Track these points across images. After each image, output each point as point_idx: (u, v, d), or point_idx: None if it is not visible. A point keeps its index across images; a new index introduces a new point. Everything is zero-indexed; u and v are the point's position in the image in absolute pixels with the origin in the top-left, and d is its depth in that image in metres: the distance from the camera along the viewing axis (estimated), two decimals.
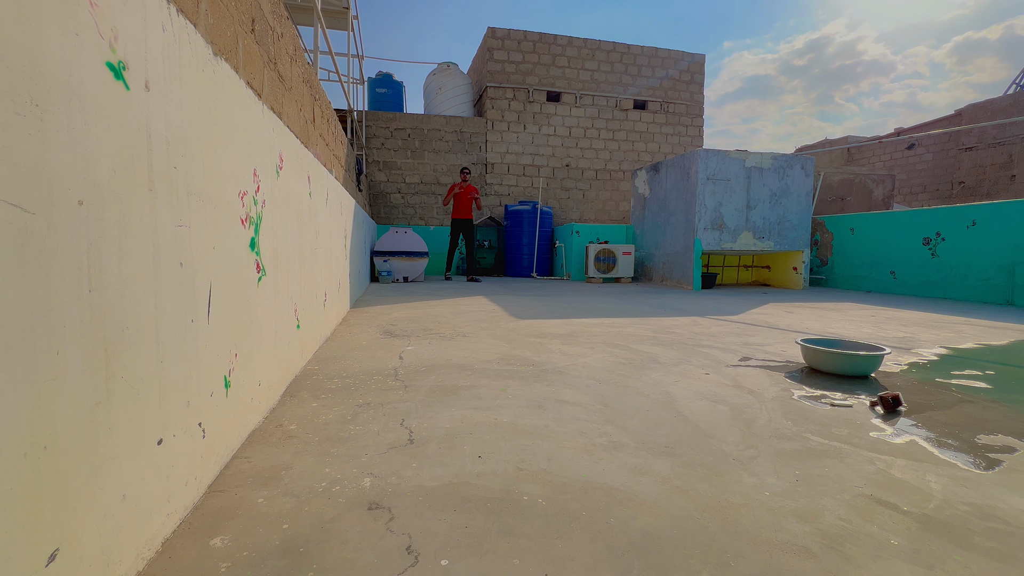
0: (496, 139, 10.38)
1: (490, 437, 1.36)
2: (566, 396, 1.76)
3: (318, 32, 5.33)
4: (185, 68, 0.98)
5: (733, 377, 2.05)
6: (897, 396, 1.64)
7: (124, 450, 0.75)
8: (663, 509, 1.00)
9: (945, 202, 13.36)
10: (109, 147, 0.72)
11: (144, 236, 0.81)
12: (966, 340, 2.98)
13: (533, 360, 2.31)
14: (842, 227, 7.23)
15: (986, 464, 1.24)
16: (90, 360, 0.67)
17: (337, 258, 3.39)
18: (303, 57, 2.31)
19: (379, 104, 10.41)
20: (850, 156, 16.10)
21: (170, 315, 0.90)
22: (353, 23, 7.42)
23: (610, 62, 10.81)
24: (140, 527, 0.79)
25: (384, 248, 7.31)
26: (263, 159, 1.50)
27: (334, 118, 3.53)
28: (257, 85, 1.49)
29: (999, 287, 5.32)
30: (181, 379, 0.94)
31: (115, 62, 0.74)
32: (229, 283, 1.20)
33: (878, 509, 1.01)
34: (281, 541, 0.87)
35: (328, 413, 1.54)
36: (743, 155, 6.80)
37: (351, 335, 2.90)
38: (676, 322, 3.62)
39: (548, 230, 9.80)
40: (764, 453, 1.29)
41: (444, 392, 1.78)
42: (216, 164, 1.12)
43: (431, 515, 0.96)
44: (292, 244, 1.92)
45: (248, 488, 1.06)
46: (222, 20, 1.20)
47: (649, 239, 8.02)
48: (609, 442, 1.35)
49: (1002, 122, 8.51)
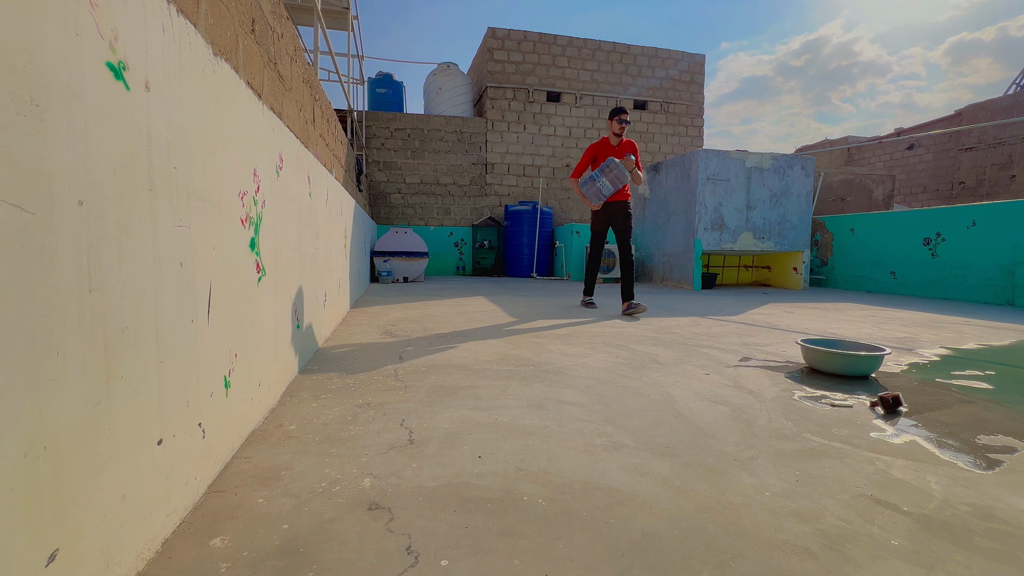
0: (496, 139, 10.38)
1: (490, 437, 1.36)
2: (566, 396, 1.76)
3: (318, 32, 5.33)
4: (185, 68, 0.98)
5: (733, 377, 2.05)
6: (897, 396, 1.64)
7: (124, 450, 0.75)
8: (663, 509, 1.00)
9: (945, 202, 13.36)
10: (109, 147, 0.72)
11: (144, 236, 0.81)
12: (966, 340, 2.98)
13: (533, 360, 2.31)
14: (842, 227, 7.23)
15: (986, 464, 1.24)
16: (90, 360, 0.67)
17: (337, 258, 3.39)
18: (303, 57, 2.31)
19: (379, 104, 10.41)
20: (850, 156, 16.09)
21: (170, 315, 0.90)
22: (353, 23, 7.42)
23: (610, 62, 10.81)
24: (140, 527, 0.79)
25: (384, 248, 7.31)
26: (263, 159, 1.50)
27: (334, 118, 3.53)
28: (257, 85, 1.49)
29: (999, 287, 5.32)
30: (181, 379, 0.94)
31: (115, 62, 0.74)
32: (229, 283, 1.20)
33: (878, 509, 1.01)
34: (281, 541, 0.87)
35: (328, 413, 1.54)
36: (743, 155, 6.80)
37: (351, 335, 2.89)
38: (676, 322, 3.62)
39: (548, 230, 9.80)
40: (764, 453, 1.29)
41: (444, 392, 1.78)
42: (216, 164, 1.12)
43: (431, 515, 0.96)
44: (292, 244, 1.92)
45: (248, 488, 1.06)
46: (222, 20, 1.20)
47: (649, 239, 8.02)
48: (609, 442, 1.34)
49: (1002, 122, 8.51)
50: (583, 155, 4.35)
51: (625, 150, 4.19)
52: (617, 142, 4.20)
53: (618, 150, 4.19)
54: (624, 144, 4.22)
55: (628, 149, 4.20)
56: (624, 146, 4.21)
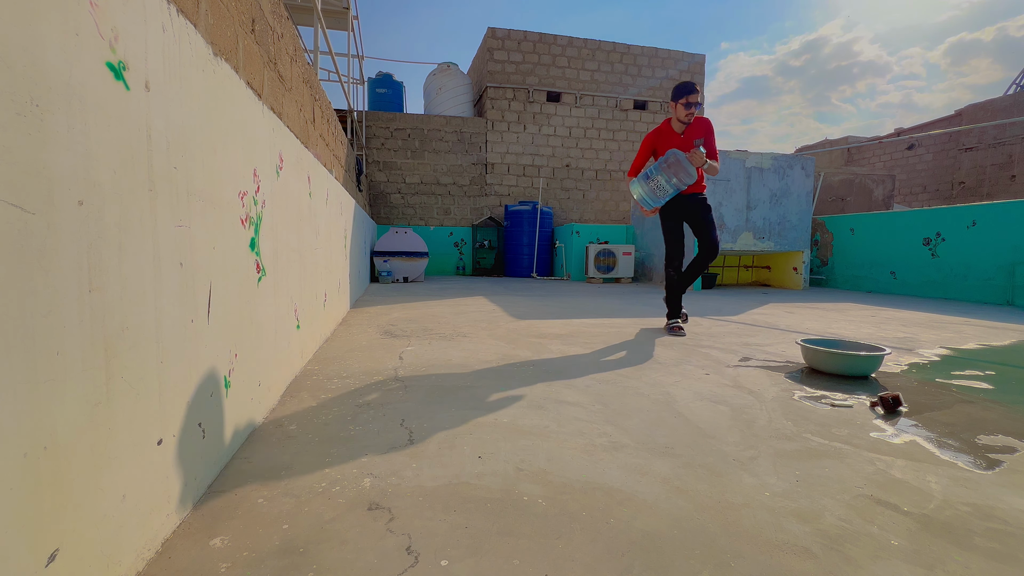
0: (496, 139, 10.38)
1: (490, 437, 1.36)
2: (566, 396, 1.76)
3: (318, 32, 5.33)
4: (185, 68, 0.98)
5: (733, 377, 2.05)
6: (897, 396, 1.64)
7: (124, 450, 0.75)
8: (663, 509, 1.00)
9: (945, 202, 13.36)
10: (109, 147, 0.72)
11: (144, 236, 0.81)
12: (966, 340, 2.98)
13: (533, 360, 2.31)
14: (842, 227, 7.23)
15: (986, 464, 1.24)
16: (90, 360, 0.67)
17: (337, 258, 3.39)
18: (303, 57, 2.31)
19: (379, 104, 10.41)
20: (850, 156, 16.09)
21: (170, 315, 0.90)
22: (353, 23, 7.42)
23: (610, 62, 10.81)
24: (140, 527, 0.79)
25: (384, 248, 7.31)
26: (263, 159, 1.50)
27: (334, 118, 3.53)
28: (257, 85, 1.49)
29: (999, 287, 5.32)
30: (181, 379, 0.94)
31: (115, 62, 0.74)
32: (229, 283, 1.20)
33: (878, 509, 1.01)
34: (281, 541, 0.87)
35: (328, 413, 1.54)
36: (743, 155, 6.80)
37: (351, 335, 2.89)
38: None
39: (548, 230, 9.80)
40: (764, 453, 1.29)
41: (444, 392, 1.78)
42: (216, 164, 1.12)
43: (431, 515, 0.96)
44: (292, 244, 1.92)
45: (248, 488, 1.06)
46: (222, 20, 1.20)
47: (649, 239, 8.02)
48: (609, 442, 1.34)
49: (1002, 122, 8.51)
50: (640, 147, 3.32)
51: (694, 136, 3.13)
52: (682, 128, 3.16)
53: (684, 138, 3.16)
54: (693, 127, 3.15)
55: (698, 133, 3.14)
56: (693, 130, 3.15)
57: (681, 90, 3.07)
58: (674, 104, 3.13)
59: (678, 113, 3.11)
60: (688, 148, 3.09)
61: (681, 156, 3.02)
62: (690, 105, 3.05)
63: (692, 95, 3.03)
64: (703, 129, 3.15)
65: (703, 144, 3.10)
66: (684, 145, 3.12)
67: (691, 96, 3.03)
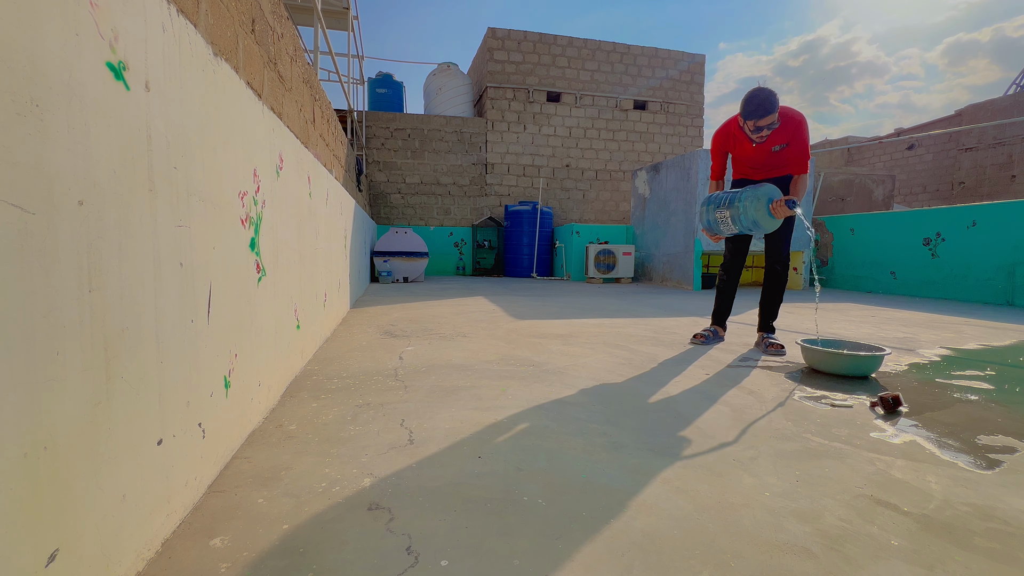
0: (496, 139, 10.38)
1: (490, 437, 1.36)
2: (566, 396, 1.76)
3: (318, 32, 5.33)
4: (185, 68, 0.98)
5: (733, 377, 2.05)
6: (897, 396, 1.64)
7: (124, 450, 0.75)
8: (663, 509, 1.00)
9: (945, 202, 13.35)
10: (109, 147, 0.72)
11: (144, 236, 0.81)
12: (966, 340, 2.98)
13: (533, 360, 2.31)
14: (842, 227, 7.23)
15: (986, 464, 1.24)
16: (90, 360, 0.67)
17: (337, 258, 3.39)
18: (303, 57, 2.31)
19: (379, 104, 10.41)
20: (850, 156, 16.09)
21: (170, 315, 0.90)
22: (353, 23, 7.42)
23: (610, 62, 10.81)
24: (140, 527, 0.79)
25: (384, 248, 7.31)
26: (263, 159, 1.50)
27: (334, 118, 3.52)
28: (257, 85, 1.49)
29: (999, 287, 5.32)
30: (181, 379, 0.94)
31: (115, 62, 0.74)
32: (229, 283, 1.20)
33: (878, 509, 1.01)
34: (281, 541, 0.87)
35: (328, 413, 1.54)
36: None
37: (351, 335, 2.89)
38: (676, 322, 3.61)
39: (548, 230, 9.80)
40: (764, 453, 1.29)
41: (444, 392, 1.78)
42: (216, 164, 1.12)
43: (431, 515, 0.96)
44: (292, 244, 1.92)
45: (248, 488, 1.06)
46: (222, 20, 1.20)
47: (649, 239, 8.02)
48: (609, 442, 1.34)
49: (1002, 122, 8.51)
50: (711, 147, 2.79)
51: (774, 141, 2.53)
52: (761, 139, 2.52)
53: (757, 150, 2.59)
54: (777, 134, 2.51)
55: (780, 138, 2.52)
56: (775, 134, 2.51)
57: (749, 111, 2.43)
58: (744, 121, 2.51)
59: (747, 129, 2.51)
60: (762, 157, 2.61)
61: (758, 194, 2.38)
62: (759, 129, 2.46)
63: (763, 119, 2.40)
64: (788, 132, 2.50)
65: (787, 149, 2.53)
66: (758, 154, 2.61)
67: (760, 120, 2.41)
